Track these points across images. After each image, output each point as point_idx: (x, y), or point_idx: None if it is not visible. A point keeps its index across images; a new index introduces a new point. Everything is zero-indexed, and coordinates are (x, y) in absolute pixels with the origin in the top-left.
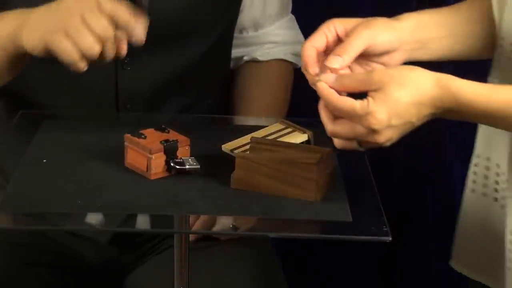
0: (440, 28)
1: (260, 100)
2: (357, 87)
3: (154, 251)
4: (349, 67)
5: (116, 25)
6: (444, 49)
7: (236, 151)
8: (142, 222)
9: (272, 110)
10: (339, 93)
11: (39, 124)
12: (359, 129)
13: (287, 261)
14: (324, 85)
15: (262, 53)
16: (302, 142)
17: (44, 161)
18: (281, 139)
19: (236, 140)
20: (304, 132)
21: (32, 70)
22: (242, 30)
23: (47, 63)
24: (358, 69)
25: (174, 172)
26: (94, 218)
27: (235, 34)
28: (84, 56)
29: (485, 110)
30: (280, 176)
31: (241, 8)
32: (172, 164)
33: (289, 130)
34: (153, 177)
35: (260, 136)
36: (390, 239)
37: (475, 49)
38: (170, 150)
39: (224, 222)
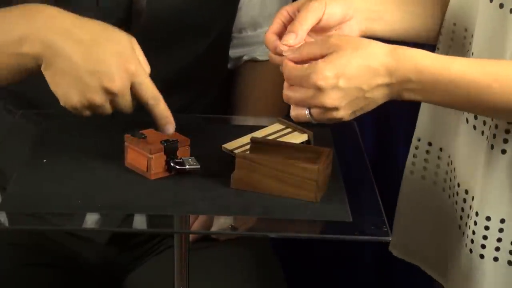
0: (394, 1)
1: (260, 99)
2: (315, 51)
3: (154, 251)
4: None
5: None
6: (399, 23)
7: (236, 151)
8: (142, 222)
9: (272, 109)
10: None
11: (39, 124)
12: (308, 92)
13: (287, 261)
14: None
15: (262, 53)
16: (302, 142)
17: (44, 161)
18: (281, 139)
19: (236, 140)
20: (304, 132)
21: None
22: (241, 30)
23: None
24: None
25: (174, 172)
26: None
27: (234, 34)
28: None
29: (446, 79)
30: (280, 176)
31: (239, 6)
32: (172, 164)
33: (289, 130)
34: (153, 177)
35: (260, 136)
36: (390, 239)
37: (431, 30)
38: (170, 150)
39: (223, 222)
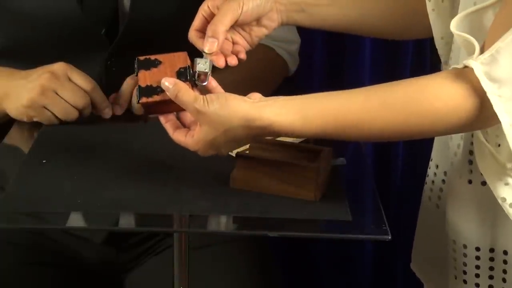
0: None
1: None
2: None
3: (154, 251)
4: (232, 38)
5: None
6: (327, 18)
7: (236, 151)
8: (142, 221)
9: (243, 84)
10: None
11: (39, 124)
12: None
13: (287, 260)
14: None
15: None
16: (301, 141)
17: (44, 161)
18: (280, 138)
19: None
20: None
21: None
22: None
23: (37, 65)
24: (241, 37)
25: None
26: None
27: None
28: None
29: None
30: (280, 175)
31: None
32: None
33: None
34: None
35: None
36: (390, 237)
37: (376, 27)
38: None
39: (224, 222)
